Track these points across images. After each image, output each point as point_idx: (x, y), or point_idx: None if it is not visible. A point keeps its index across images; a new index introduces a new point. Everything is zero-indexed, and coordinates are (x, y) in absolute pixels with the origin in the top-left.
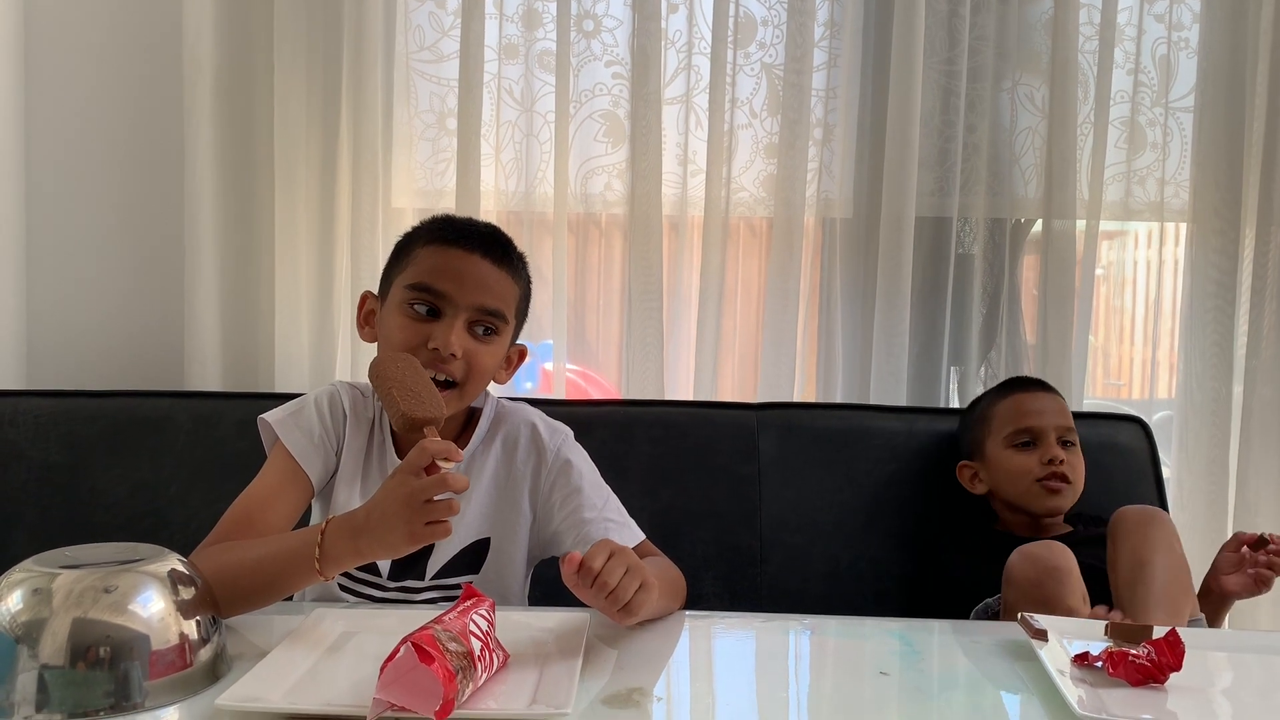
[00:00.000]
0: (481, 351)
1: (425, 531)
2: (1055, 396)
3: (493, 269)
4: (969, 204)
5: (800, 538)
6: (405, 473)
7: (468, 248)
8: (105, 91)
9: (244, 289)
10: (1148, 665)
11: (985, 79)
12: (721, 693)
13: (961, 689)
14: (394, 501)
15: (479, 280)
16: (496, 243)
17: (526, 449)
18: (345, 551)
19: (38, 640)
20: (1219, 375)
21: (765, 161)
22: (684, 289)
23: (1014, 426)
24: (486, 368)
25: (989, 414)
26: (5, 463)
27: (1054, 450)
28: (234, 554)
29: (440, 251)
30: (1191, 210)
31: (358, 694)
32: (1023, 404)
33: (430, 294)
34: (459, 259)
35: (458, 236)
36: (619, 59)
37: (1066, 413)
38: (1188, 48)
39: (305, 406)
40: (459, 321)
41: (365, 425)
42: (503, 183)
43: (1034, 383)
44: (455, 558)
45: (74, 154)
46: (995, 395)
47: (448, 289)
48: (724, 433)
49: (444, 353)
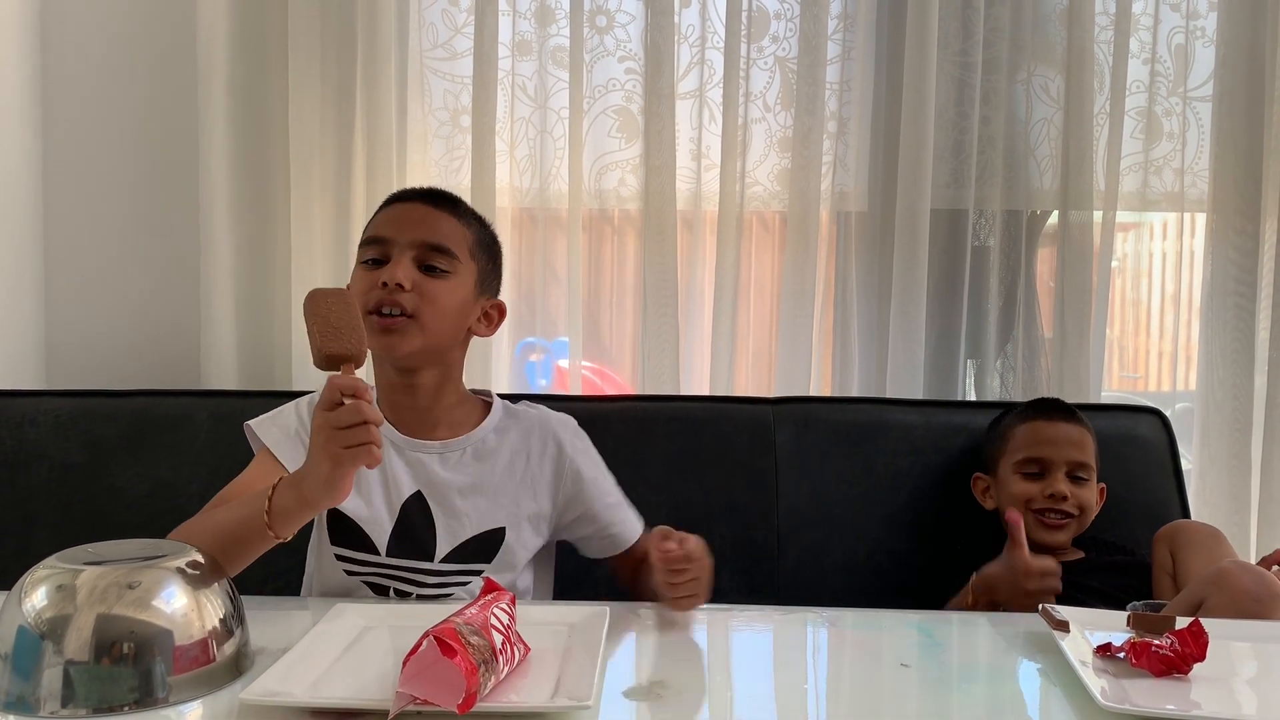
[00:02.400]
0: (434, 285)
1: (347, 455)
2: (1076, 427)
3: (433, 210)
4: (985, 196)
5: (817, 531)
6: (320, 408)
7: (408, 199)
8: (120, 91)
9: (260, 287)
10: (1171, 655)
11: (1000, 70)
12: (741, 685)
13: (983, 681)
14: (316, 436)
15: (419, 219)
16: (438, 193)
17: (544, 443)
18: (290, 501)
19: (63, 636)
20: (1240, 366)
21: (779, 155)
22: (699, 284)
23: (1025, 454)
24: (443, 301)
25: (1007, 434)
26: (26, 462)
27: (1058, 485)
28: (195, 525)
29: (387, 209)
30: (1211, 200)
31: (380, 688)
32: (1039, 432)
33: (376, 244)
34: (400, 209)
35: (403, 195)
36: (632, 54)
37: (1085, 445)
38: (1204, 36)
39: (285, 410)
40: (405, 258)
41: None
42: (517, 179)
43: (1058, 410)
44: (467, 543)
45: (90, 154)
46: (1018, 415)
47: (389, 233)
48: (741, 427)
49: (391, 284)
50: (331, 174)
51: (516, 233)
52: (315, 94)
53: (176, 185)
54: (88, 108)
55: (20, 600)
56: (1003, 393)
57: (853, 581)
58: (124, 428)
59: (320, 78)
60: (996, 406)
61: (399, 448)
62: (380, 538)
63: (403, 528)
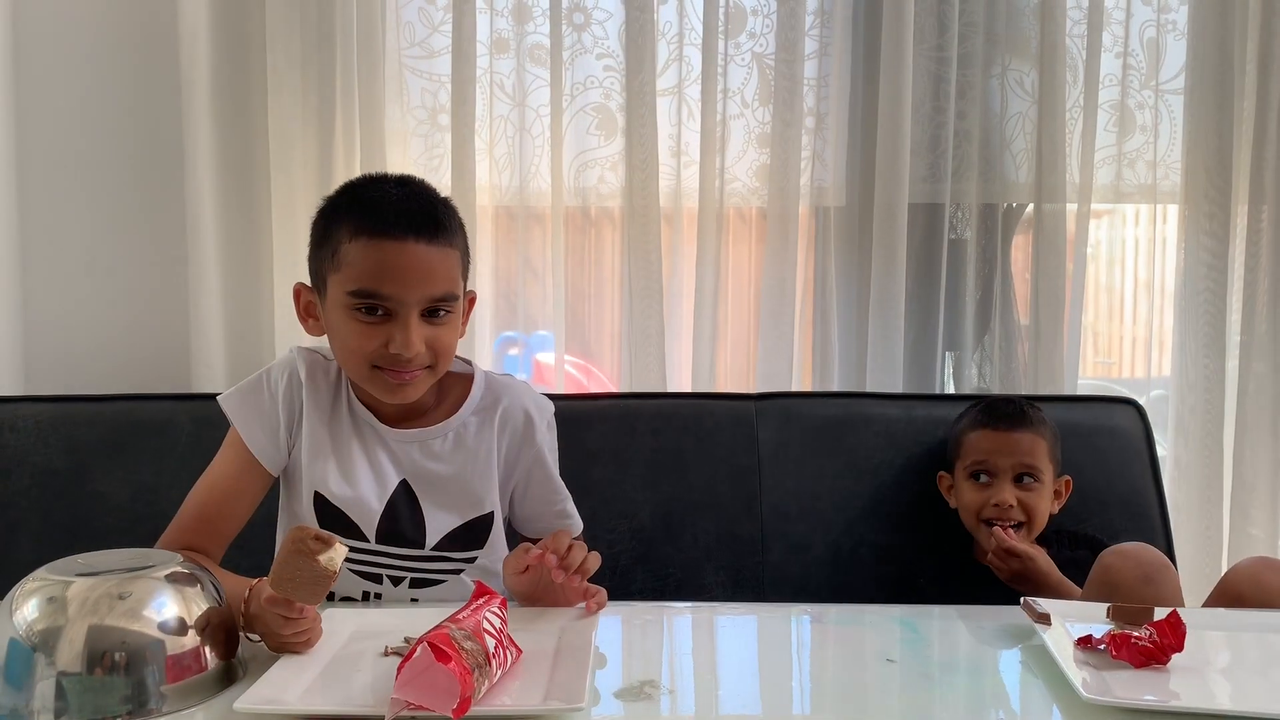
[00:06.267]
0: (441, 333)
1: (288, 647)
2: (1024, 433)
3: (431, 251)
4: (961, 190)
5: (801, 526)
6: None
7: (399, 235)
8: (100, 94)
9: (247, 290)
10: (1150, 647)
11: (975, 65)
12: (728, 682)
13: (965, 673)
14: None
15: (423, 272)
16: (426, 217)
17: (520, 434)
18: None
19: (54, 648)
20: (1212, 352)
21: (758, 151)
22: (680, 280)
23: (972, 459)
24: (450, 343)
25: (960, 438)
26: (7, 468)
27: (1003, 494)
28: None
29: (372, 248)
30: (1183, 192)
31: (373, 694)
32: (985, 440)
33: (376, 298)
34: (394, 253)
35: (385, 226)
36: (610, 52)
37: (1034, 449)
38: (1175, 29)
39: (259, 387)
40: (413, 318)
41: (327, 389)
42: (497, 178)
43: (1006, 415)
44: (457, 530)
45: (69, 157)
46: (969, 420)
47: (393, 291)
48: (723, 423)
49: (407, 355)
50: (314, 174)
51: (496, 230)
52: (295, 95)
53: (158, 188)
54: (66, 110)
55: (11, 613)
56: (980, 384)
57: (837, 575)
58: (105, 432)
59: (301, 78)
60: (975, 399)
61: (382, 437)
62: (369, 526)
63: (391, 516)
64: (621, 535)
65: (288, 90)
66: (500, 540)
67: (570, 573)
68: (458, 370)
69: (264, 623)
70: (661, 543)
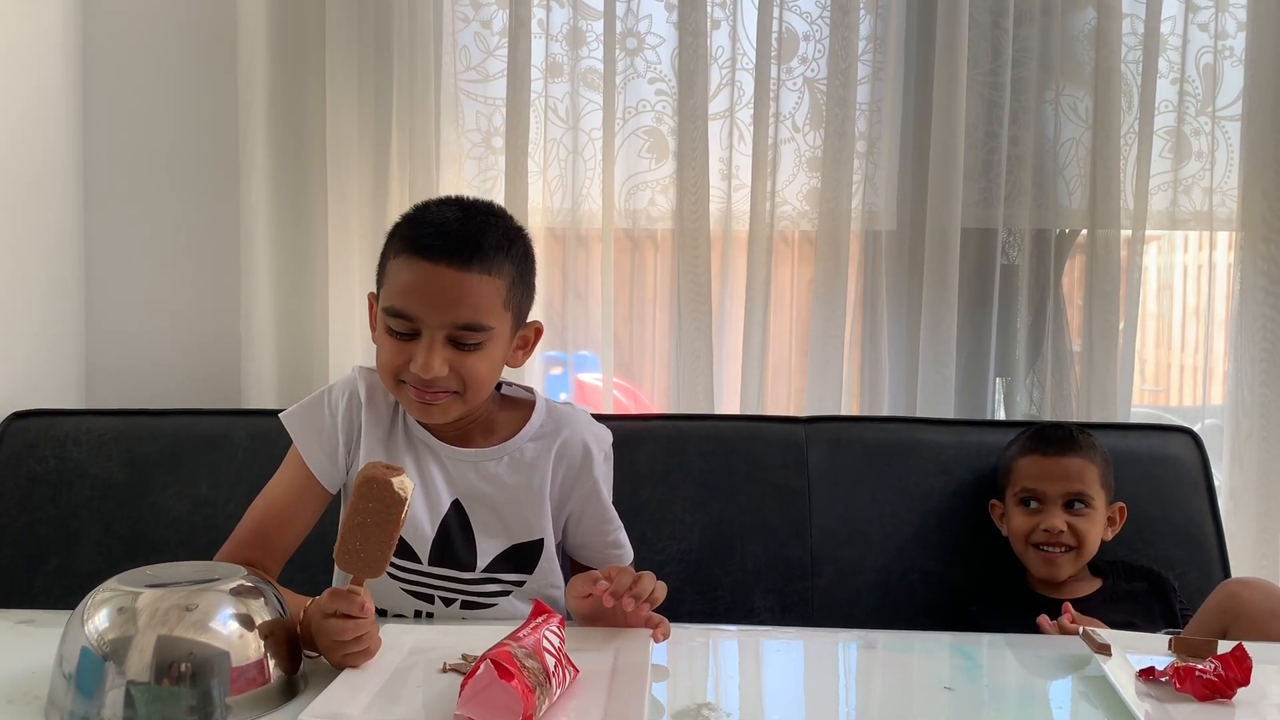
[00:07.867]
0: (470, 360)
1: (347, 659)
2: (1075, 458)
3: (462, 278)
4: (1014, 215)
5: (851, 551)
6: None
7: (433, 258)
8: (162, 114)
9: (299, 308)
10: (1215, 680)
11: (1028, 90)
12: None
13: (1022, 703)
14: (319, 636)
15: (449, 298)
16: (465, 242)
17: (577, 466)
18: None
19: (124, 657)
20: (1269, 381)
21: (809, 175)
22: (729, 303)
23: (1022, 486)
24: (482, 373)
25: (1010, 464)
26: (69, 480)
27: (1054, 519)
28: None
29: (408, 265)
30: (1239, 218)
31: (432, 710)
32: (1035, 466)
33: (403, 317)
34: (425, 274)
35: (423, 245)
36: (662, 76)
37: (1083, 474)
38: (1233, 56)
39: (320, 404)
40: (436, 341)
41: (385, 409)
42: (549, 199)
43: (1056, 441)
44: (506, 553)
45: (130, 175)
46: (1019, 446)
47: (418, 312)
48: (773, 446)
49: (426, 375)
50: (370, 194)
51: (546, 251)
52: (352, 114)
53: (216, 205)
54: (129, 130)
55: (83, 622)
56: (1031, 410)
57: (886, 601)
58: (164, 446)
59: (358, 98)
60: (1026, 425)
61: (435, 454)
62: (422, 547)
63: (443, 537)
64: (670, 557)
65: (345, 110)
66: (550, 565)
67: (640, 601)
68: (519, 396)
69: (324, 635)
70: (710, 565)
